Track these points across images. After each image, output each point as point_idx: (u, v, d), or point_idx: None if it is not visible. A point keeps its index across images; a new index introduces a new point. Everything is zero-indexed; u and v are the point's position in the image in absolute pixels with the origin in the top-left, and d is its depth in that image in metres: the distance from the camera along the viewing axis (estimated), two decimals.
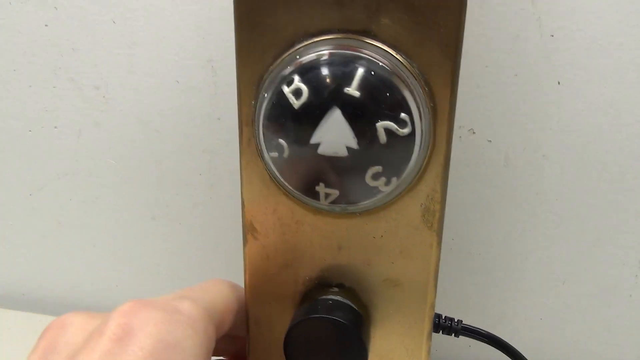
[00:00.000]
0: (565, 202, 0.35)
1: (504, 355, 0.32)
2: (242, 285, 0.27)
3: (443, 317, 0.32)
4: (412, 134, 0.20)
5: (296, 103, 0.21)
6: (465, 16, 0.21)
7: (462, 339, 0.32)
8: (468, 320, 0.31)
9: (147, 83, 0.38)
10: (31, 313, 0.45)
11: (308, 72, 0.21)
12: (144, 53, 0.38)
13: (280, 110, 0.21)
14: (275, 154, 0.22)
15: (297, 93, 0.21)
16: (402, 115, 0.20)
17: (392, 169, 0.21)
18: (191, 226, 0.41)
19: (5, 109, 0.41)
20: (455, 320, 0.32)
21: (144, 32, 0.37)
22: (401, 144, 0.20)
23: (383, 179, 0.21)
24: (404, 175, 0.21)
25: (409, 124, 0.20)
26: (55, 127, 0.41)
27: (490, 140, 0.35)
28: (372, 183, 0.21)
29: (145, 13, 0.37)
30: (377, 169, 0.21)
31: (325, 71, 0.20)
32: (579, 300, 0.37)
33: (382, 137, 0.20)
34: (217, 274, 0.42)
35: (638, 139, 0.33)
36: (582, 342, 0.38)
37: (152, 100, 0.39)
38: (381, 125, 0.20)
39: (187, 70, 0.38)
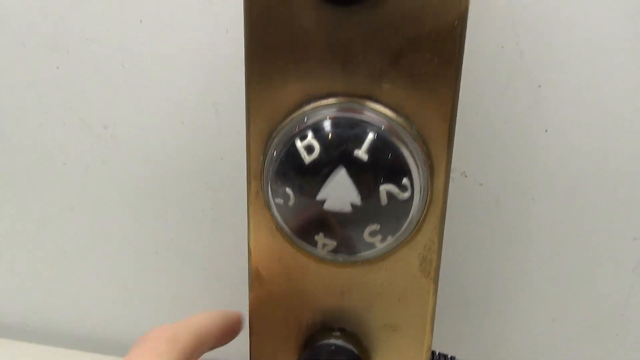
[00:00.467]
0: (553, 242, 0.36)
1: None
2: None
3: (437, 354, 0.33)
4: (411, 197, 0.21)
5: (307, 158, 0.22)
6: (460, 82, 0.22)
7: None
8: (461, 356, 0.32)
9: (153, 123, 0.39)
10: (35, 344, 0.45)
11: (321, 130, 0.21)
12: (151, 95, 0.39)
13: (290, 162, 0.22)
14: (280, 201, 0.23)
15: (310, 149, 0.22)
16: (404, 180, 0.21)
17: (389, 228, 0.22)
18: (193, 261, 0.42)
19: (16, 145, 0.42)
20: (449, 357, 0.33)
21: (152, 76, 0.38)
22: (400, 206, 0.21)
23: (379, 237, 0.22)
24: (400, 233, 0.22)
25: (409, 188, 0.21)
26: (64, 164, 0.42)
27: (481, 184, 0.36)
28: (368, 239, 0.22)
29: (153, 57, 0.38)
30: (375, 227, 0.22)
31: (338, 132, 0.21)
32: (568, 337, 0.37)
33: (384, 199, 0.21)
34: (220, 307, 0.43)
35: (621, 185, 0.34)
36: None
37: (159, 140, 0.40)
38: (384, 188, 0.21)
39: (192, 112, 0.38)
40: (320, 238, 0.23)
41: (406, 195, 0.21)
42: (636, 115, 0.33)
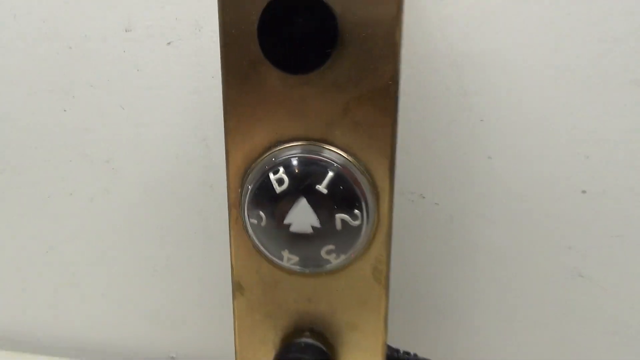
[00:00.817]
0: (499, 253, 0.41)
1: None
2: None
3: (401, 352, 0.38)
4: (362, 224, 0.27)
5: (278, 189, 0.27)
6: (397, 129, 0.27)
7: None
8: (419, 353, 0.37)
9: (150, 157, 0.44)
10: (46, 356, 0.50)
11: (291, 167, 0.27)
12: (147, 132, 0.44)
13: (264, 191, 0.27)
14: (255, 221, 0.28)
15: (280, 181, 0.27)
16: (356, 210, 0.26)
17: (342, 248, 0.27)
18: (187, 277, 0.47)
19: (27, 179, 0.47)
20: (412, 353, 0.38)
21: (148, 116, 0.43)
22: (352, 231, 0.27)
23: (334, 255, 0.27)
24: (351, 251, 0.27)
25: (360, 217, 0.26)
26: (71, 194, 0.47)
27: (437, 203, 0.41)
28: (325, 256, 0.27)
29: (149, 100, 0.43)
30: (331, 247, 0.27)
31: (303, 169, 0.27)
32: (516, 337, 0.43)
33: (339, 225, 0.26)
34: (210, 316, 0.48)
35: (555, 201, 0.39)
36: None
37: (155, 171, 0.45)
38: (339, 216, 0.26)
39: (185, 147, 0.44)
40: (285, 253, 0.28)
41: (357, 222, 0.27)
42: (566, 143, 0.38)
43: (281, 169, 0.27)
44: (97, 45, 0.42)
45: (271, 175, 0.27)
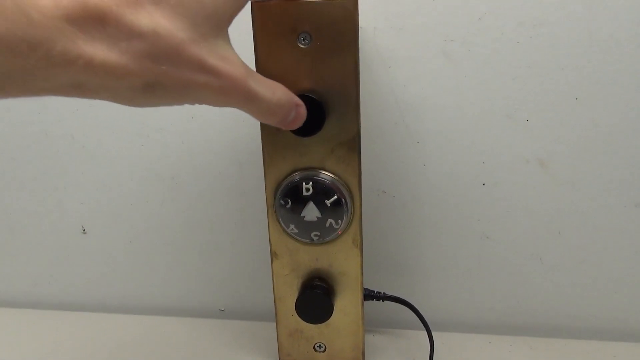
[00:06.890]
0: (437, 228, 0.59)
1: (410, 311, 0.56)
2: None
3: (374, 291, 0.55)
4: (343, 214, 0.44)
5: (305, 193, 0.44)
6: (361, 160, 0.45)
7: (387, 304, 0.56)
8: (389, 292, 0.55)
9: (202, 174, 0.61)
10: (130, 314, 0.67)
11: (311, 181, 0.44)
12: (200, 158, 0.60)
13: (293, 195, 0.45)
14: (284, 214, 0.46)
15: (307, 190, 0.44)
16: (340, 208, 0.44)
17: (337, 218, 0.45)
18: (229, 254, 0.64)
19: (117, 193, 0.63)
20: (382, 292, 0.56)
21: (201, 147, 0.60)
22: (338, 218, 0.45)
23: (333, 222, 0.45)
24: (343, 222, 0.45)
25: (343, 211, 0.44)
26: (146, 202, 0.64)
27: (394, 196, 0.59)
28: (329, 225, 0.45)
29: (201, 138, 0.60)
30: (332, 221, 0.45)
31: (315, 185, 0.44)
32: (449, 278, 0.61)
33: (332, 208, 0.44)
34: (246, 281, 0.65)
35: (472, 192, 0.57)
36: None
37: (206, 184, 0.61)
38: (331, 209, 0.44)
39: (225, 167, 0.61)
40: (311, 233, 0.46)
41: (342, 214, 0.44)
42: (470, 152, 0.56)
43: (310, 183, 0.44)
44: None
45: (303, 184, 0.44)
